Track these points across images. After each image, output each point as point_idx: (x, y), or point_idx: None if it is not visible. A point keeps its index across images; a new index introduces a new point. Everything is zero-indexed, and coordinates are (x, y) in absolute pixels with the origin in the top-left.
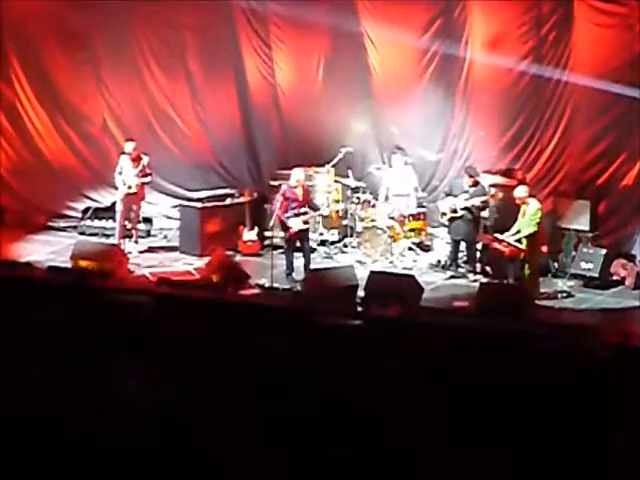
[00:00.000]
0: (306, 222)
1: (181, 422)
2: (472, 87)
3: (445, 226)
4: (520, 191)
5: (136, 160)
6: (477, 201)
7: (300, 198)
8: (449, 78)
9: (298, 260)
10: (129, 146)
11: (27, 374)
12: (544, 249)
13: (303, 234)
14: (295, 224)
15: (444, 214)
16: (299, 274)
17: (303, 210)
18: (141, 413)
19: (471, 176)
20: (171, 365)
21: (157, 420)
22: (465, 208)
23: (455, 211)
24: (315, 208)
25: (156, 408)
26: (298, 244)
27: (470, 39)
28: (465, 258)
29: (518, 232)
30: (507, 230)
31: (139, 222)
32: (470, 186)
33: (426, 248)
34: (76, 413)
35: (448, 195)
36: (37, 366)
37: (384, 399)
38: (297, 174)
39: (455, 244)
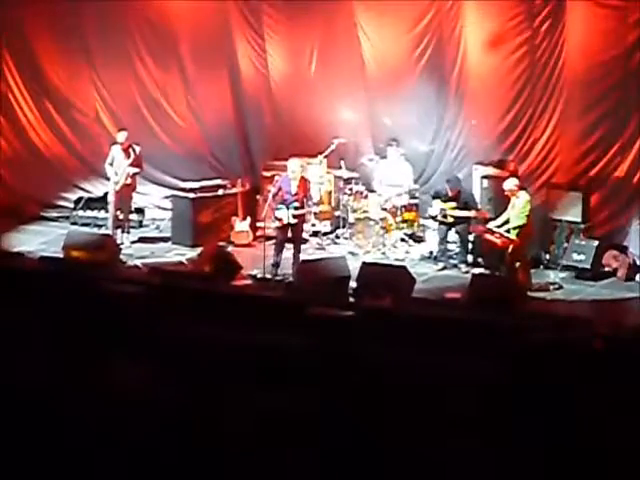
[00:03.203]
0: (297, 217)
1: (179, 415)
2: (465, 78)
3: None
4: (509, 184)
5: (127, 150)
6: (465, 215)
7: (292, 191)
8: (442, 69)
9: (289, 251)
10: (121, 136)
11: (20, 365)
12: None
13: (294, 227)
14: (284, 216)
15: (434, 217)
16: (286, 267)
17: (295, 204)
18: (136, 405)
19: (451, 183)
20: (165, 356)
21: (154, 414)
22: (454, 216)
23: (445, 217)
24: (305, 205)
25: (151, 401)
26: (290, 235)
27: (463, 30)
28: (457, 249)
29: (507, 223)
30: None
31: (131, 212)
32: (453, 196)
33: (418, 239)
34: (72, 404)
35: (435, 198)
36: (30, 357)
37: (379, 391)
38: (291, 165)
39: (443, 236)
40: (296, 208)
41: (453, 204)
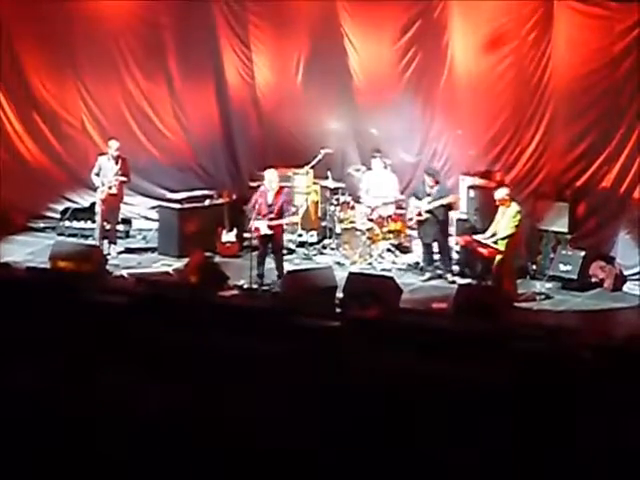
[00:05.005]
0: (273, 227)
1: (168, 422)
2: (452, 88)
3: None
4: (501, 193)
5: (118, 160)
6: (439, 203)
7: (269, 201)
8: (429, 79)
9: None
10: (114, 145)
11: (7, 376)
12: (521, 251)
13: (272, 238)
14: (260, 226)
15: (410, 219)
16: (272, 277)
17: (272, 215)
18: (122, 413)
19: (431, 176)
20: (151, 366)
21: (141, 422)
22: (429, 211)
23: (420, 214)
24: (282, 215)
25: (137, 409)
26: (270, 246)
27: (450, 40)
28: (440, 259)
29: (495, 234)
30: (485, 231)
31: (118, 223)
32: (431, 187)
33: (405, 250)
34: (57, 414)
35: (415, 198)
36: (17, 367)
37: (366, 401)
38: (268, 176)
39: (427, 246)
40: (271, 219)
41: (428, 199)
